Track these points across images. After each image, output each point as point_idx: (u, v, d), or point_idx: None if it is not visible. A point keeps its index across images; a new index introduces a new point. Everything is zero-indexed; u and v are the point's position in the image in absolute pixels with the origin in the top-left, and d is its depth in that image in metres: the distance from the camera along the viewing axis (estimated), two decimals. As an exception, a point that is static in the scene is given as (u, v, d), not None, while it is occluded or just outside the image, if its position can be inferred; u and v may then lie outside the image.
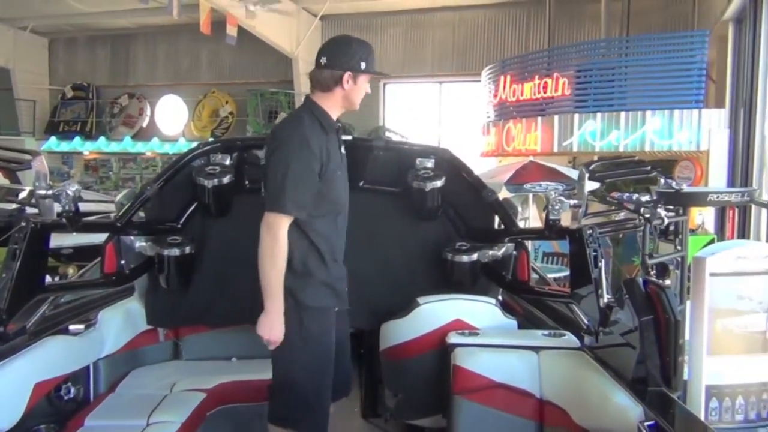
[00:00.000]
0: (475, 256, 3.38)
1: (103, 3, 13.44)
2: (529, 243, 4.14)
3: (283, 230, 2.49)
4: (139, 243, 3.38)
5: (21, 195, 2.98)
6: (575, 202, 3.11)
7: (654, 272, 3.62)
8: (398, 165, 3.50)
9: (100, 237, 3.40)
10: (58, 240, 4.41)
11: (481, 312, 3.14)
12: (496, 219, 3.50)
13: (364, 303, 3.21)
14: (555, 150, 9.77)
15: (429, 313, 3.10)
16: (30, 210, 2.95)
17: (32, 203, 2.89)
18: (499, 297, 3.47)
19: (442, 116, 14.30)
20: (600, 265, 2.77)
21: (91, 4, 13.46)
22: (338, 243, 2.72)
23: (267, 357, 2.71)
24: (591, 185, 3.28)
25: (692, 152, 8.72)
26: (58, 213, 2.86)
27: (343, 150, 2.75)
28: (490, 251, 3.41)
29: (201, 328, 3.65)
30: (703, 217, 7.47)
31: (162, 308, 3.49)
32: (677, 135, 8.60)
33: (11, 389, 2.40)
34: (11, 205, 3.10)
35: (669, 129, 8.65)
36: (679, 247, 3.90)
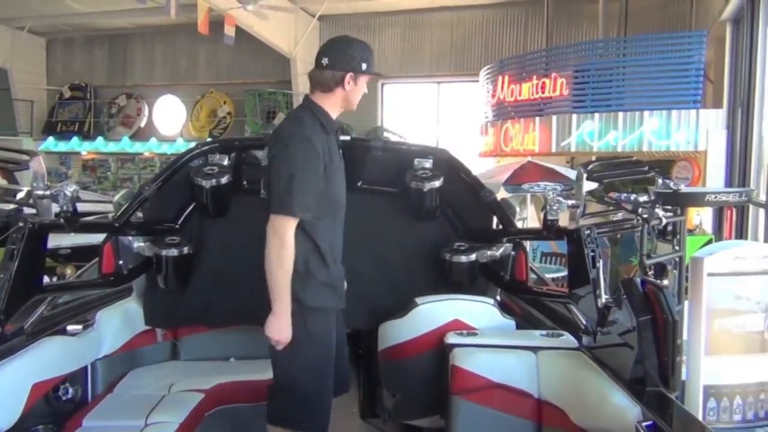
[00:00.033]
0: (474, 257, 3.38)
1: (101, 3, 13.43)
2: (528, 243, 4.15)
3: (290, 232, 2.49)
4: (137, 243, 3.37)
5: (19, 195, 2.97)
6: (573, 203, 3.11)
7: (652, 272, 3.62)
8: (396, 165, 3.49)
9: (98, 237, 3.39)
10: (56, 240, 4.40)
11: (480, 312, 3.14)
12: (495, 219, 3.51)
13: (363, 303, 3.21)
14: (553, 150, 9.78)
15: (427, 314, 3.10)
16: (28, 210, 2.94)
17: (30, 203, 2.89)
18: (498, 297, 3.47)
19: (441, 116, 14.31)
20: (598, 266, 2.77)
21: (89, 4, 13.45)
22: (338, 243, 2.73)
23: (265, 357, 2.70)
24: (589, 185, 3.28)
25: (690, 152, 8.73)
26: (56, 213, 2.85)
27: (340, 150, 2.76)
28: (489, 251, 3.41)
29: (199, 329, 3.65)
30: (701, 218, 7.48)
31: (160, 309, 3.48)
32: (675, 135, 8.62)
33: (9, 390, 2.39)
34: (9, 206, 3.09)
35: (667, 129, 8.66)
36: (677, 248, 3.91)
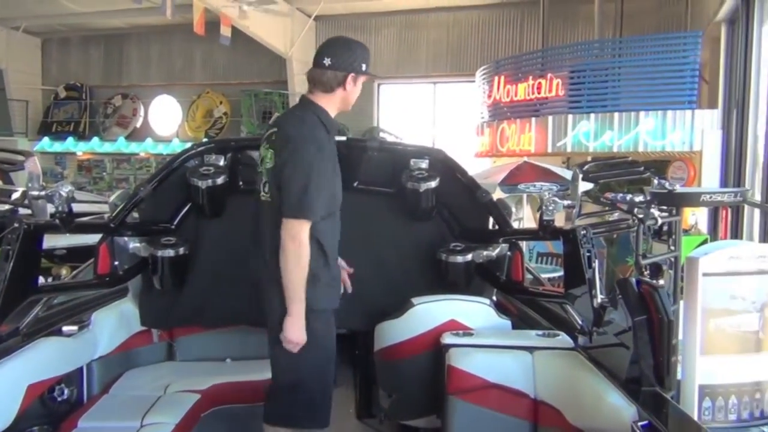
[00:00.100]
0: (470, 257, 3.39)
1: (97, 3, 13.39)
2: (524, 243, 4.15)
3: (306, 234, 2.51)
4: (133, 244, 3.37)
5: (14, 196, 2.96)
6: (569, 203, 3.11)
7: (647, 272, 3.63)
8: (392, 165, 3.50)
9: (94, 238, 3.39)
10: (52, 241, 4.39)
11: (476, 312, 3.14)
12: (491, 219, 3.51)
13: (359, 303, 3.21)
14: (549, 150, 9.79)
15: (423, 314, 3.10)
16: (23, 211, 2.93)
17: (25, 204, 2.87)
18: (494, 297, 3.47)
19: (437, 117, 14.31)
20: (594, 266, 2.78)
21: (84, 4, 13.41)
22: (337, 243, 2.75)
23: (261, 357, 2.70)
24: (585, 186, 3.28)
25: (685, 153, 8.75)
26: (52, 214, 2.85)
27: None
28: (485, 252, 3.42)
29: (195, 329, 3.64)
30: (697, 218, 7.50)
31: (156, 309, 3.48)
32: (670, 135, 8.63)
33: (4, 391, 2.39)
34: (4, 206, 3.08)
35: (662, 130, 8.68)
36: (673, 248, 3.91)
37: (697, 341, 2.21)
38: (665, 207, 3.47)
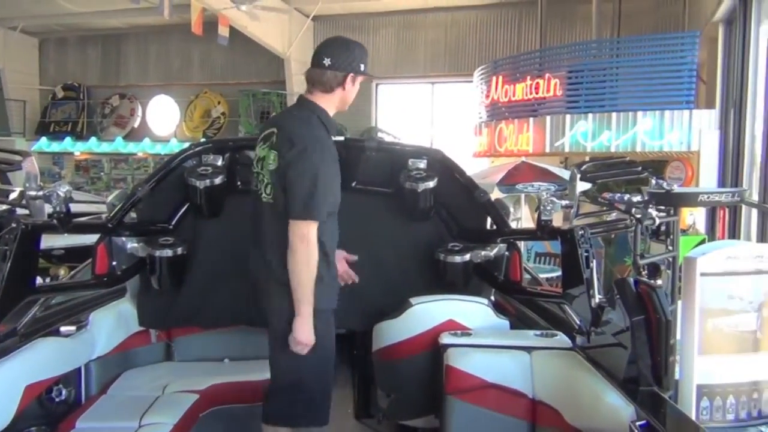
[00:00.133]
0: (468, 257, 3.39)
1: (94, 3, 13.37)
2: (522, 243, 4.15)
3: (315, 235, 2.51)
4: (131, 244, 3.36)
5: (11, 196, 2.96)
6: (567, 203, 3.12)
7: (645, 272, 3.63)
8: (390, 165, 3.50)
9: (92, 238, 3.38)
10: (49, 241, 4.38)
11: (474, 312, 3.14)
12: (489, 220, 3.51)
13: (357, 303, 3.21)
14: (547, 150, 9.79)
15: (422, 314, 3.10)
16: (20, 211, 2.93)
17: (23, 204, 2.87)
18: (492, 297, 3.47)
19: (435, 117, 14.30)
20: (591, 266, 2.78)
21: (82, 4, 13.39)
22: (336, 243, 2.75)
23: (259, 358, 2.70)
24: (582, 186, 3.29)
25: (683, 153, 8.76)
26: (49, 214, 2.84)
27: None
28: (483, 252, 3.42)
29: (193, 330, 3.64)
30: (694, 218, 7.51)
31: (154, 309, 3.47)
32: (668, 136, 8.64)
33: (2, 391, 2.38)
34: (1, 207, 3.08)
35: (660, 130, 8.69)
36: (671, 248, 3.92)
37: (695, 341, 2.21)
38: (663, 207, 3.48)
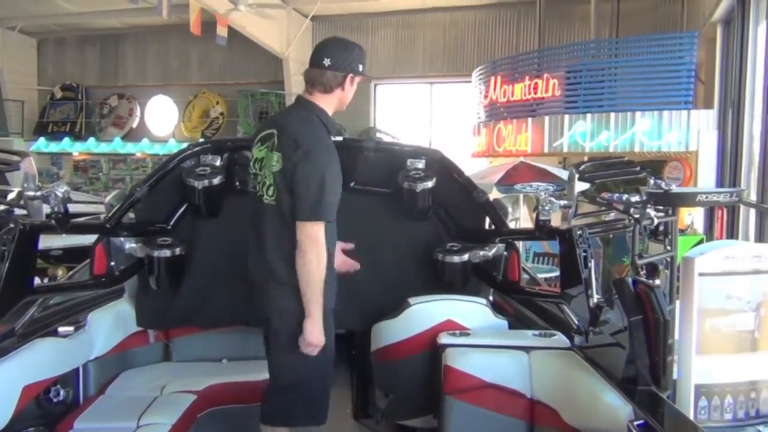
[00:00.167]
0: (466, 257, 3.39)
1: (93, 3, 13.37)
2: (520, 243, 4.16)
3: (323, 235, 2.53)
4: (129, 244, 3.36)
5: (9, 196, 2.95)
6: (565, 203, 3.12)
7: (644, 272, 3.63)
8: (389, 166, 3.50)
9: (90, 238, 3.38)
10: (47, 241, 4.38)
11: (472, 312, 3.14)
12: (487, 220, 3.51)
13: (356, 304, 3.22)
14: (545, 151, 9.80)
15: (420, 314, 3.10)
16: (18, 211, 2.93)
17: (21, 204, 2.87)
18: (490, 297, 3.47)
19: (433, 117, 14.32)
20: (590, 266, 2.79)
21: (80, 4, 13.39)
22: (335, 243, 2.75)
23: (257, 358, 2.70)
24: (581, 186, 3.29)
25: (681, 153, 8.76)
26: (47, 214, 2.84)
27: None
28: (481, 252, 3.42)
29: (191, 330, 3.64)
30: (693, 218, 7.51)
31: (152, 310, 3.47)
32: (666, 136, 8.65)
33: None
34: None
35: (658, 130, 8.70)
36: (669, 248, 3.91)
37: (693, 341, 2.21)
38: (661, 207, 3.48)
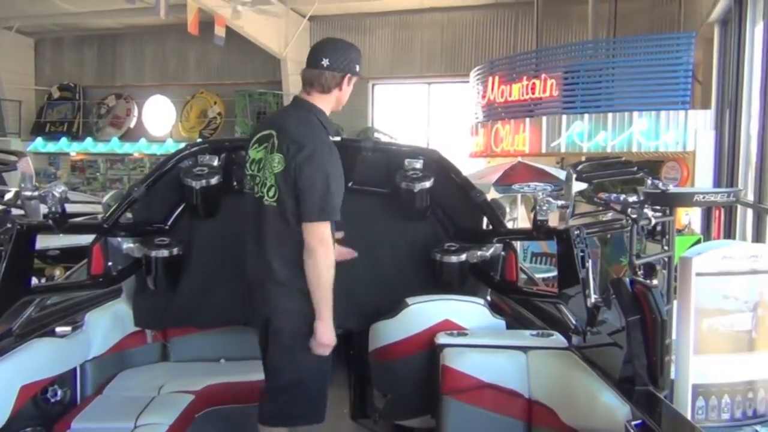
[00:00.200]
0: (464, 257, 3.39)
1: (90, 3, 13.36)
2: (518, 243, 4.16)
3: (330, 236, 2.55)
4: (127, 244, 3.35)
5: (7, 196, 2.95)
6: (563, 203, 3.12)
7: (641, 272, 3.64)
8: (387, 166, 3.50)
9: (87, 238, 3.37)
10: (45, 241, 4.38)
11: (470, 312, 3.14)
12: (485, 220, 3.51)
13: (353, 304, 3.21)
14: (543, 151, 9.81)
15: (418, 314, 3.10)
16: (16, 211, 2.93)
17: (18, 204, 2.86)
18: (488, 297, 3.47)
19: (431, 117, 14.33)
20: (587, 266, 2.79)
21: (78, 4, 13.38)
22: (333, 243, 2.74)
23: (255, 358, 2.69)
24: (578, 186, 3.29)
25: (679, 153, 8.78)
26: (45, 214, 2.84)
27: None
28: (479, 252, 3.42)
29: (189, 330, 3.63)
30: (690, 218, 7.53)
31: (150, 310, 3.46)
32: (664, 136, 8.66)
33: (-3, 392, 2.38)
34: (-4, 207, 3.07)
35: (656, 130, 8.71)
36: (666, 248, 3.92)
37: (691, 341, 2.22)
38: (659, 207, 3.49)
